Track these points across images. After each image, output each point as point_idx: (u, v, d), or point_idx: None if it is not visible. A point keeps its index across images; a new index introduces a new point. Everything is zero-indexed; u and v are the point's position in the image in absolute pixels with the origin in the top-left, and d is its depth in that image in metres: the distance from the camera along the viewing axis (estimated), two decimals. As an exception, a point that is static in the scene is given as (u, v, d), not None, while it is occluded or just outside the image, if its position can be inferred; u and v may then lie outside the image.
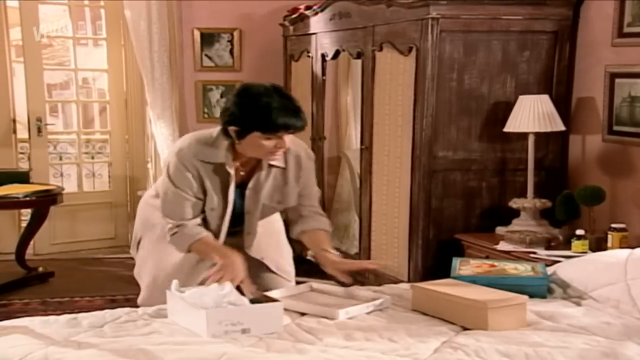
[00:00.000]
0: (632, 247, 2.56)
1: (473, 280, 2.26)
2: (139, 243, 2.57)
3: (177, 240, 2.29)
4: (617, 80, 3.24)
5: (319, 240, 2.38)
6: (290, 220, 2.47)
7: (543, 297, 2.28)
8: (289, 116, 2.14)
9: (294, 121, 2.15)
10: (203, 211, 2.30)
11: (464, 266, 2.40)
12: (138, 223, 2.59)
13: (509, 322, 2.03)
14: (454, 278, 2.31)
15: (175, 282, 2.18)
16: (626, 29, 3.19)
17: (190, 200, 2.26)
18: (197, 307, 2.01)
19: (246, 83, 2.28)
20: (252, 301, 2.09)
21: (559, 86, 3.51)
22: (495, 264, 2.45)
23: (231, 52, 5.12)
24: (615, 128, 3.27)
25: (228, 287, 2.16)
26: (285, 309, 2.11)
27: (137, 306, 2.37)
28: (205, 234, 2.28)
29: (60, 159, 5.88)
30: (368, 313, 2.17)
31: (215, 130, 2.28)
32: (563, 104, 3.47)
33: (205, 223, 2.31)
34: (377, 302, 2.22)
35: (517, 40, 3.44)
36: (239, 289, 2.15)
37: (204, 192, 2.27)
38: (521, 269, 2.35)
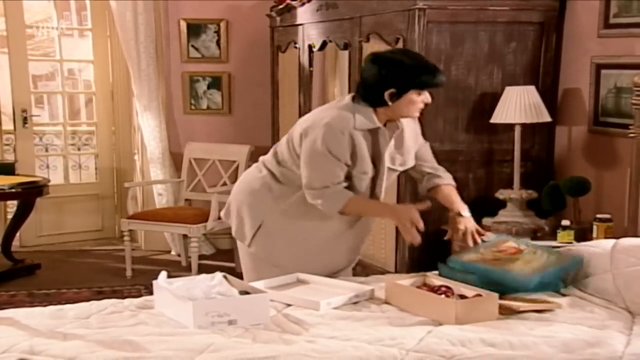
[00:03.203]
0: (617, 238, 2.58)
1: (464, 267, 2.25)
2: (257, 230, 2.47)
3: (332, 200, 2.33)
4: (603, 72, 3.26)
5: (447, 199, 2.55)
6: (415, 179, 2.68)
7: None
8: (438, 72, 2.34)
9: (443, 76, 2.35)
10: (347, 178, 2.36)
11: (477, 250, 2.35)
12: (256, 209, 2.49)
13: (478, 316, 2.02)
14: (449, 263, 2.29)
15: (163, 274, 2.18)
16: (612, 20, 3.20)
17: (340, 165, 2.33)
18: (183, 298, 2.01)
19: (375, 52, 2.38)
20: (242, 293, 2.09)
21: (546, 77, 3.52)
22: (523, 248, 2.33)
23: (218, 43, 5.09)
24: (601, 119, 3.29)
25: (217, 277, 2.16)
26: (271, 300, 2.11)
27: (124, 297, 2.36)
28: (352, 194, 2.35)
29: (46, 150, 5.83)
30: (355, 304, 2.18)
31: (343, 100, 2.39)
32: (549, 95, 3.48)
33: (350, 189, 2.37)
34: (361, 292, 2.22)
35: (504, 32, 3.44)
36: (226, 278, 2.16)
37: (354, 158, 2.34)
38: (538, 262, 2.25)
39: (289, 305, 2.16)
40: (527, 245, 2.39)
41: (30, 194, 4.47)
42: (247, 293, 2.10)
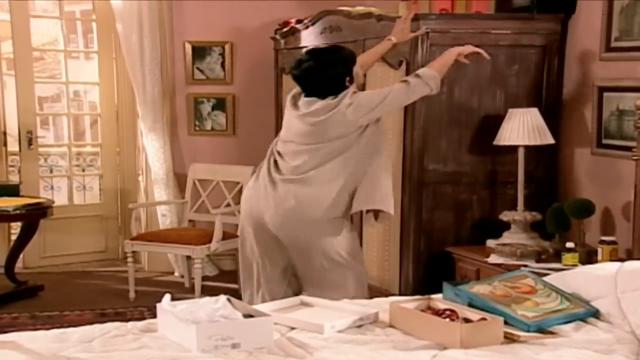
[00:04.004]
0: (622, 260, 2.57)
1: (470, 299, 2.24)
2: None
3: (428, 79, 2.91)
4: (606, 94, 3.27)
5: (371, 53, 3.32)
6: None
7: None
8: None
9: None
10: None
11: (489, 282, 2.33)
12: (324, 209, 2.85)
13: (483, 340, 2.00)
14: (457, 292, 2.28)
15: (167, 297, 2.17)
16: (614, 44, 3.22)
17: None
18: (187, 321, 2.01)
19: (309, 62, 2.89)
20: (246, 316, 2.09)
21: (548, 99, 3.54)
22: (539, 288, 2.30)
23: (222, 65, 5.13)
24: (604, 141, 3.30)
25: (221, 300, 2.16)
26: (275, 323, 2.10)
27: (127, 319, 2.36)
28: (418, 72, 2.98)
29: (51, 171, 5.85)
30: (359, 327, 2.17)
31: (310, 102, 2.90)
32: (552, 117, 3.49)
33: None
34: (366, 315, 2.21)
35: (506, 54, 3.46)
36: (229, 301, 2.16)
37: None
38: (549, 305, 2.22)
39: (293, 328, 2.15)
40: (545, 285, 2.35)
41: (34, 215, 4.48)
42: (250, 316, 2.09)
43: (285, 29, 4.73)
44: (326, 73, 2.86)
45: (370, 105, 2.85)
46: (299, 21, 4.55)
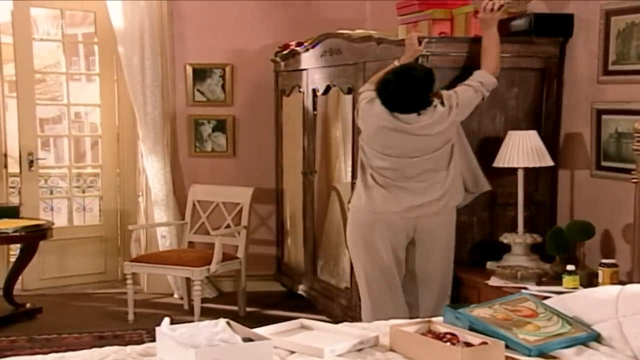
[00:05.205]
0: (623, 283, 2.56)
1: (472, 323, 2.23)
2: None
3: (488, 79, 3.30)
4: (604, 117, 3.29)
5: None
6: None
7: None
8: None
9: None
10: None
11: (490, 306, 2.32)
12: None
13: None
14: (457, 315, 2.27)
15: (166, 320, 2.16)
16: (611, 67, 3.24)
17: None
18: (186, 345, 1.99)
19: (410, 77, 3.18)
20: (245, 339, 2.07)
21: (547, 122, 3.55)
22: (540, 311, 2.29)
23: (223, 87, 5.16)
24: (603, 164, 3.30)
25: (221, 324, 2.14)
26: (274, 347, 2.09)
27: (126, 342, 2.34)
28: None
29: (51, 193, 5.86)
30: (359, 350, 2.16)
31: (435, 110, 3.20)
32: (551, 140, 3.50)
33: None
34: (366, 339, 2.20)
35: (506, 77, 3.48)
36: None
37: None
38: (550, 329, 2.21)
39: (292, 352, 2.14)
40: (546, 309, 2.34)
41: (33, 237, 4.47)
42: (250, 340, 2.08)
43: (285, 52, 4.77)
44: (416, 91, 3.16)
45: (470, 104, 3.24)
46: (299, 44, 4.59)
